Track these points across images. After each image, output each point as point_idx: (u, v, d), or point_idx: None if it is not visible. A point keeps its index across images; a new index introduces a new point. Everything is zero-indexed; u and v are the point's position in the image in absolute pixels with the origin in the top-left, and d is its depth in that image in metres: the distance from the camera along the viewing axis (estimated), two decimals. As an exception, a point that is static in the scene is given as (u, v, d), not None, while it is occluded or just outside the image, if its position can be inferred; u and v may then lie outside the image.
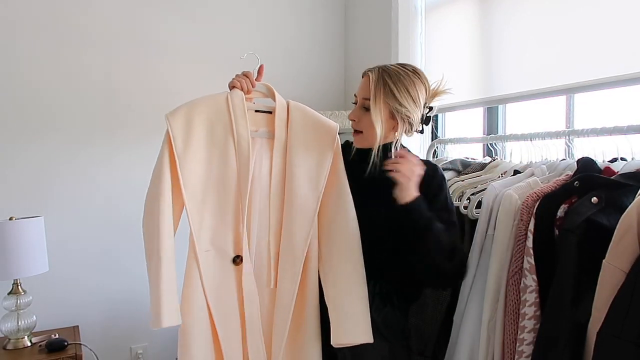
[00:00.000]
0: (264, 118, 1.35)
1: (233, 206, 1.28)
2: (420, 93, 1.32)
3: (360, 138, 1.36)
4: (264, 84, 1.38)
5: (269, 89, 1.38)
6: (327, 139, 1.35)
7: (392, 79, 1.29)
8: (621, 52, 1.42)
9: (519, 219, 1.25)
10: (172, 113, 1.26)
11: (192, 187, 1.25)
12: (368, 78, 1.31)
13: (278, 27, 2.69)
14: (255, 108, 1.35)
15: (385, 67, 1.32)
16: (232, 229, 1.29)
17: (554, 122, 1.80)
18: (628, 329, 0.89)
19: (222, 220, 1.28)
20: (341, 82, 2.87)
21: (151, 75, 2.40)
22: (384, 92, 1.28)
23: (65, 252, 2.23)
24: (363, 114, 1.33)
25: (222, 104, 1.29)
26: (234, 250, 1.29)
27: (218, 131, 1.28)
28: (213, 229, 1.28)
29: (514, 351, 1.20)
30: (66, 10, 2.22)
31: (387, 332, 1.34)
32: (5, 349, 1.97)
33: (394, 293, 1.36)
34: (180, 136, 1.24)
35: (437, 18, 2.25)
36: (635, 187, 1.08)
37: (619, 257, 0.95)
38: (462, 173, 1.74)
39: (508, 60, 1.84)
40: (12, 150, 2.16)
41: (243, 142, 1.28)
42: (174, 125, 1.24)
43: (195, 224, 1.25)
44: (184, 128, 1.25)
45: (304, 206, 1.30)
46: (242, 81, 1.32)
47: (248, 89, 1.32)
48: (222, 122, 1.28)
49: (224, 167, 1.27)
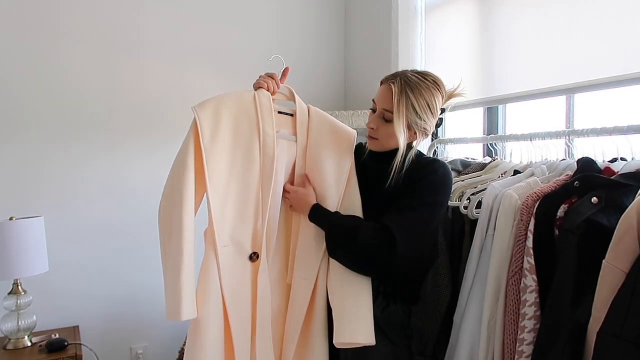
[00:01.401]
0: (286, 120, 1.37)
1: (254, 203, 1.29)
2: (438, 103, 1.32)
3: (375, 143, 1.37)
4: (286, 87, 1.41)
5: (290, 91, 1.41)
6: (345, 144, 1.39)
7: (414, 93, 1.27)
8: (621, 52, 1.42)
9: (519, 219, 1.25)
10: (200, 105, 1.27)
11: (216, 180, 1.25)
12: (390, 89, 1.29)
13: (278, 28, 2.69)
14: (278, 109, 1.36)
15: (407, 78, 1.29)
16: (251, 225, 1.30)
17: (554, 122, 1.80)
18: (628, 329, 0.89)
19: (242, 216, 1.29)
20: (341, 82, 2.87)
21: (153, 75, 2.40)
22: (405, 106, 1.27)
23: (65, 252, 2.23)
24: (382, 124, 1.32)
25: (249, 102, 1.31)
26: (252, 246, 1.30)
27: (244, 128, 1.29)
28: (233, 224, 1.28)
29: (514, 351, 1.20)
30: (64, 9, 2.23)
31: (390, 333, 1.34)
32: (5, 349, 1.97)
33: (397, 293, 1.36)
34: (208, 128, 1.24)
35: (437, 18, 2.25)
36: (635, 187, 1.08)
37: (619, 257, 0.95)
38: (462, 173, 1.74)
39: (508, 60, 1.84)
40: (13, 150, 2.16)
41: (269, 140, 1.29)
42: (202, 117, 1.24)
43: (216, 217, 1.25)
44: (212, 120, 1.25)
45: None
46: (268, 82, 1.34)
47: (273, 89, 1.35)
48: (248, 119, 1.29)
49: (248, 163, 1.28)
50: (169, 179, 1.27)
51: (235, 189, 1.28)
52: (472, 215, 1.48)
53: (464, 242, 1.52)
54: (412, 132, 1.33)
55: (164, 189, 1.27)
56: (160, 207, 1.27)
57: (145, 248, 2.37)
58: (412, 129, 1.31)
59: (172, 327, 2.46)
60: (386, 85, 1.32)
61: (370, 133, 1.36)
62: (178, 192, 1.22)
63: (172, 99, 2.42)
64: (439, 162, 1.37)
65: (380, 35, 2.46)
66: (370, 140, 1.38)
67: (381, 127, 1.33)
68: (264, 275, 1.31)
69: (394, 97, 1.27)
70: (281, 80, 1.39)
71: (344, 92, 2.87)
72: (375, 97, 1.37)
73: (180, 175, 1.23)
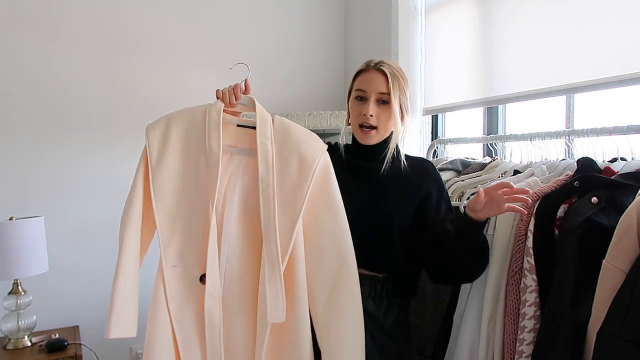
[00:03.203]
0: (247, 133, 1.27)
1: (202, 223, 1.22)
2: None
3: (371, 134, 1.33)
4: (249, 97, 1.28)
5: (252, 101, 1.29)
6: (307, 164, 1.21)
7: (400, 75, 1.34)
8: (621, 52, 1.42)
9: (519, 218, 1.25)
10: (152, 124, 1.26)
11: (163, 201, 1.22)
12: (382, 73, 1.32)
13: (278, 28, 2.69)
14: (238, 122, 1.28)
15: (387, 62, 1.35)
16: (199, 247, 1.23)
17: (554, 122, 1.80)
18: (628, 329, 0.89)
19: (191, 236, 1.24)
20: (341, 82, 2.87)
21: (152, 75, 2.40)
22: (399, 88, 1.32)
23: (65, 252, 2.23)
24: (381, 109, 1.33)
25: (199, 117, 1.24)
26: (201, 268, 1.23)
27: (192, 144, 1.23)
28: (182, 244, 1.24)
29: (514, 351, 1.20)
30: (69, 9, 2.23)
31: (396, 336, 1.34)
32: (6, 349, 1.97)
33: (398, 294, 1.36)
34: (156, 148, 1.22)
35: (437, 18, 2.25)
36: (635, 187, 1.08)
37: (619, 257, 0.95)
38: (462, 173, 1.74)
39: (508, 60, 1.84)
40: (13, 150, 2.16)
41: (214, 157, 1.21)
42: (151, 137, 1.23)
43: (164, 238, 1.22)
44: (160, 140, 1.23)
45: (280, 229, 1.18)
46: (225, 93, 1.26)
47: (230, 101, 1.25)
48: (197, 135, 1.23)
49: (195, 182, 1.23)
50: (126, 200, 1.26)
51: (184, 209, 1.23)
52: (472, 215, 1.48)
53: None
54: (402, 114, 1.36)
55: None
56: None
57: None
58: (402, 111, 1.35)
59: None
60: (373, 71, 1.33)
61: (369, 121, 1.31)
62: (125, 214, 1.23)
63: (173, 99, 2.42)
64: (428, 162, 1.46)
65: (380, 35, 2.46)
66: (365, 134, 1.33)
67: (381, 114, 1.32)
68: (211, 299, 1.21)
69: (390, 79, 1.30)
70: (245, 92, 1.29)
71: (344, 92, 2.86)
72: (361, 84, 1.34)
73: (130, 198, 1.23)
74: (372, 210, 1.34)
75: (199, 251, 1.23)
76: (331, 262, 1.21)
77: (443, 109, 2.21)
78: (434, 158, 2.05)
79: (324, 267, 1.21)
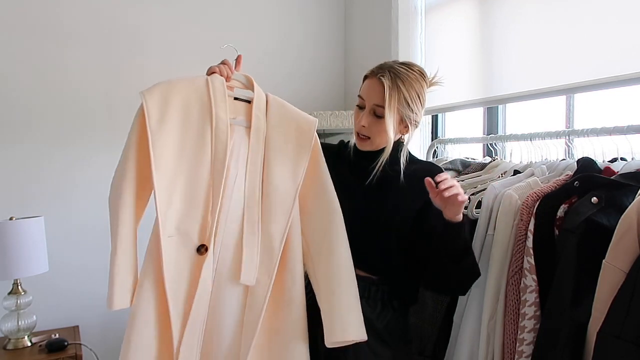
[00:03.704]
0: (242, 107, 1.30)
1: (204, 192, 1.21)
2: (425, 93, 1.31)
3: (367, 143, 1.32)
4: (243, 75, 1.34)
5: (248, 79, 1.33)
6: (305, 132, 1.29)
7: (404, 85, 1.25)
8: (621, 52, 1.42)
9: (519, 219, 1.25)
10: (148, 90, 1.22)
11: (163, 168, 1.18)
12: (380, 84, 1.25)
13: (278, 27, 2.69)
14: (235, 95, 1.30)
15: (396, 70, 1.26)
16: (200, 216, 1.21)
17: (554, 122, 1.80)
18: (628, 329, 0.89)
19: (191, 205, 1.21)
20: (341, 82, 2.87)
21: (151, 74, 2.39)
22: (398, 100, 1.24)
23: (65, 252, 2.23)
24: (374, 121, 1.28)
25: (201, 86, 1.25)
26: (199, 238, 1.22)
27: (195, 113, 1.23)
28: (180, 214, 1.21)
29: (514, 351, 1.20)
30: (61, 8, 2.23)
31: (389, 339, 1.32)
32: (5, 349, 1.97)
33: (394, 297, 1.34)
34: (155, 114, 1.19)
35: (437, 18, 2.25)
36: (635, 187, 1.08)
37: (618, 257, 0.95)
38: (462, 173, 1.74)
39: (508, 60, 1.84)
40: (13, 150, 2.16)
41: (222, 125, 1.22)
42: (149, 102, 1.19)
43: (162, 206, 1.18)
44: (160, 106, 1.20)
45: (281, 199, 1.24)
46: (221, 67, 1.29)
47: (227, 75, 1.29)
48: (200, 104, 1.23)
49: (199, 149, 1.21)
50: (116, 168, 1.23)
51: (184, 177, 1.20)
52: (472, 215, 1.48)
53: (464, 242, 1.52)
54: (404, 126, 1.31)
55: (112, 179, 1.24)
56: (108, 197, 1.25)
57: (145, 248, 2.36)
58: (404, 122, 1.30)
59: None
60: (375, 79, 1.27)
61: (362, 132, 1.31)
62: (119, 181, 1.20)
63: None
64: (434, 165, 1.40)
65: (380, 35, 2.46)
66: (361, 141, 1.32)
67: (373, 125, 1.28)
68: (207, 270, 1.21)
69: (386, 92, 1.23)
70: (236, 68, 1.34)
71: (344, 92, 2.87)
72: (362, 92, 1.31)
73: (123, 165, 1.20)
74: (369, 211, 1.33)
75: (199, 220, 1.22)
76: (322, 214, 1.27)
77: (443, 109, 2.21)
78: (434, 158, 2.05)
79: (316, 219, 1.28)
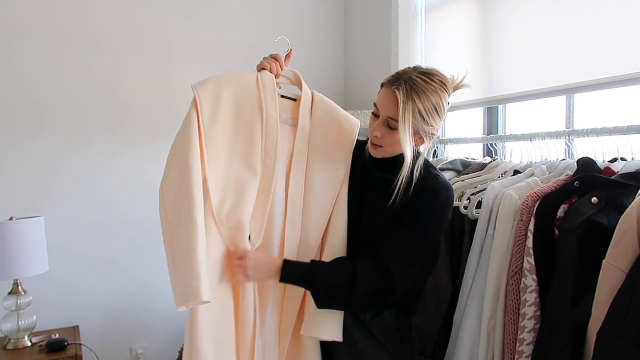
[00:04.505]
0: (288, 104, 1.33)
1: (255, 187, 1.24)
2: (445, 103, 1.23)
3: (379, 151, 1.27)
4: (291, 70, 1.36)
5: (296, 76, 1.36)
6: (347, 136, 1.33)
7: (420, 98, 1.16)
8: (621, 52, 1.42)
9: (519, 219, 1.25)
10: (200, 84, 1.23)
11: (216, 162, 1.21)
12: (394, 95, 1.17)
13: (278, 27, 2.69)
14: (281, 93, 1.32)
15: (413, 81, 1.17)
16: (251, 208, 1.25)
17: (554, 122, 1.80)
18: (628, 329, 0.89)
19: (243, 198, 1.23)
20: (341, 82, 2.87)
21: (152, 75, 2.39)
22: (412, 113, 1.16)
23: (65, 252, 2.23)
24: (387, 132, 1.22)
25: (251, 83, 1.27)
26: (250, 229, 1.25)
27: (246, 109, 1.25)
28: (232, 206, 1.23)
29: (514, 351, 1.20)
30: (68, 12, 2.22)
31: (385, 340, 1.29)
32: (5, 349, 1.97)
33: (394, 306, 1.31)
34: (208, 108, 1.21)
35: (437, 18, 2.25)
36: (635, 187, 1.08)
37: (619, 257, 0.95)
38: (462, 173, 1.74)
39: (508, 60, 1.84)
40: (13, 150, 2.16)
41: (272, 122, 1.26)
42: (202, 97, 1.21)
43: (216, 200, 1.21)
44: (212, 101, 1.22)
45: (320, 200, 1.28)
46: (271, 63, 1.30)
47: (277, 72, 1.30)
48: (250, 101, 1.26)
49: (250, 145, 1.24)
50: (171, 160, 1.19)
51: (236, 172, 1.24)
52: (472, 215, 1.48)
53: (464, 242, 1.52)
54: (419, 137, 1.23)
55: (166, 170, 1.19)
56: (163, 190, 1.19)
57: (145, 248, 2.37)
58: (419, 134, 1.22)
59: (172, 327, 2.46)
60: (389, 91, 1.19)
61: (375, 141, 1.25)
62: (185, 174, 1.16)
63: (172, 99, 2.42)
64: (441, 183, 1.24)
65: (380, 35, 2.46)
66: (374, 148, 1.27)
67: (386, 136, 1.22)
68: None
69: (400, 105, 1.16)
70: (285, 62, 1.34)
71: (344, 92, 2.87)
72: (377, 100, 1.25)
73: (186, 155, 1.17)
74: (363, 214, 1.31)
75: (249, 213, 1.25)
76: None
77: (443, 109, 2.21)
78: (434, 158, 2.05)
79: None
